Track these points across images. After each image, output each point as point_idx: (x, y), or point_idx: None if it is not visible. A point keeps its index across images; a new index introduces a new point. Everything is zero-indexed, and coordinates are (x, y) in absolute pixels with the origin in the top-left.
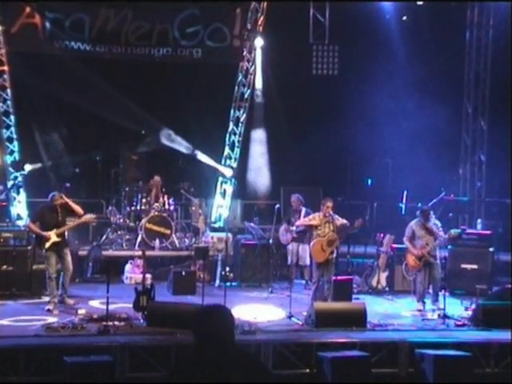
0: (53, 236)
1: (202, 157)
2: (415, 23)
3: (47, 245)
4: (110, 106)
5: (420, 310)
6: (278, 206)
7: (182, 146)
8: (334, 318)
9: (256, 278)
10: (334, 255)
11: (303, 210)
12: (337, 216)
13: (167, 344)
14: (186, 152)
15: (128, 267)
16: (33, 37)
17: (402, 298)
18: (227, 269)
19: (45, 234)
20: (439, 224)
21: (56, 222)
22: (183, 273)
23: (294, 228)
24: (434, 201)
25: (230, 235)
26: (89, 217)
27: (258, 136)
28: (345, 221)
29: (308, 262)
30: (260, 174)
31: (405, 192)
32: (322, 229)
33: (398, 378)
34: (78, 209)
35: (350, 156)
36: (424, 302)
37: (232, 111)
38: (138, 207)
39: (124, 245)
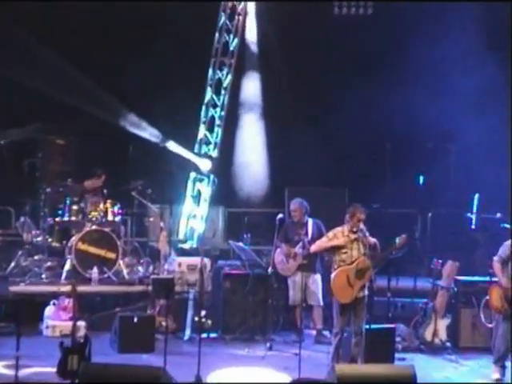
0: None
1: (168, 143)
2: None
3: None
4: (20, 61)
5: (499, 380)
6: (280, 215)
7: (148, 132)
8: None
9: (247, 326)
10: (366, 292)
11: (309, 221)
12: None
13: None
14: (153, 141)
15: (50, 310)
16: None
17: (472, 358)
18: (203, 313)
19: None
20: None
21: None
22: (135, 319)
23: (299, 251)
24: None
25: (207, 261)
26: None
27: (251, 110)
28: (374, 240)
29: (321, 300)
30: (253, 168)
31: (476, 196)
32: (347, 251)
33: None
34: None
35: (391, 140)
36: (504, 367)
37: (211, 71)
38: (66, 218)
39: (44, 276)
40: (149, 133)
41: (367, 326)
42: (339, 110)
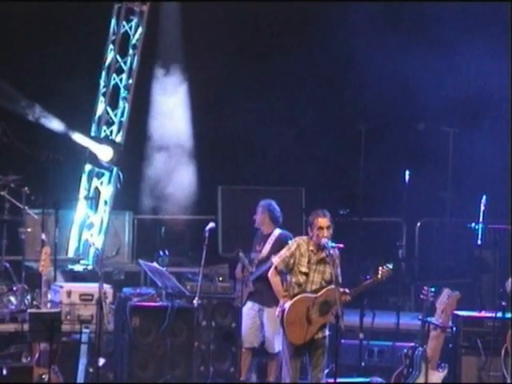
0: None
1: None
2: None
3: None
4: None
5: None
6: (211, 225)
7: (24, 106)
8: None
9: (164, 380)
10: (327, 332)
11: (275, 233)
12: (335, 249)
13: None
14: (33, 119)
15: None
16: None
17: None
18: (101, 361)
19: None
20: None
21: None
22: (4, 371)
23: (250, 270)
24: None
25: (107, 289)
26: None
27: (171, 79)
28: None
29: (278, 347)
30: (173, 160)
31: (484, 199)
32: (309, 273)
33: None
34: None
35: (365, 121)
36: None
37: (113, 21)
38: None
39: None
40: (26, 107)
41: (330, 380)
42: (294, 79)
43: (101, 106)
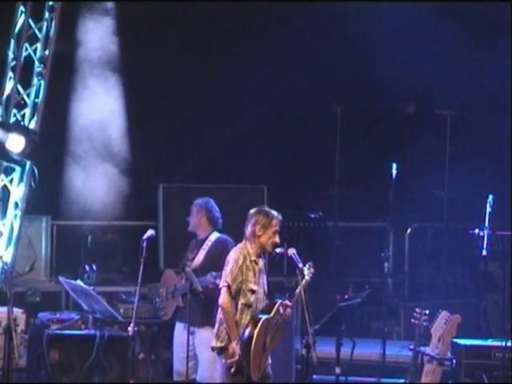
0: None
1: None
2: None
3: None
4: None
5: None
6: (150, 232)
7: None
8: None
9: None
10: (269, 361)
11: (211, 237)
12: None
13: None
14: None
15: None
16: None
17: None
18: None
19: None
20: None
21: None
22: None
23: (199, 290)
24: None
25: (19, 313)
26: None
27: (99, 49)
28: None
29: (214, 379)
30: (103, 152)
31: (490, 199)
32: (256, 289)
33: None
34: None
35: (341, 102)
36: None
37: None
38: None
39: None
40: None
41: None
42: (253, 58)
43: (9, 84)
